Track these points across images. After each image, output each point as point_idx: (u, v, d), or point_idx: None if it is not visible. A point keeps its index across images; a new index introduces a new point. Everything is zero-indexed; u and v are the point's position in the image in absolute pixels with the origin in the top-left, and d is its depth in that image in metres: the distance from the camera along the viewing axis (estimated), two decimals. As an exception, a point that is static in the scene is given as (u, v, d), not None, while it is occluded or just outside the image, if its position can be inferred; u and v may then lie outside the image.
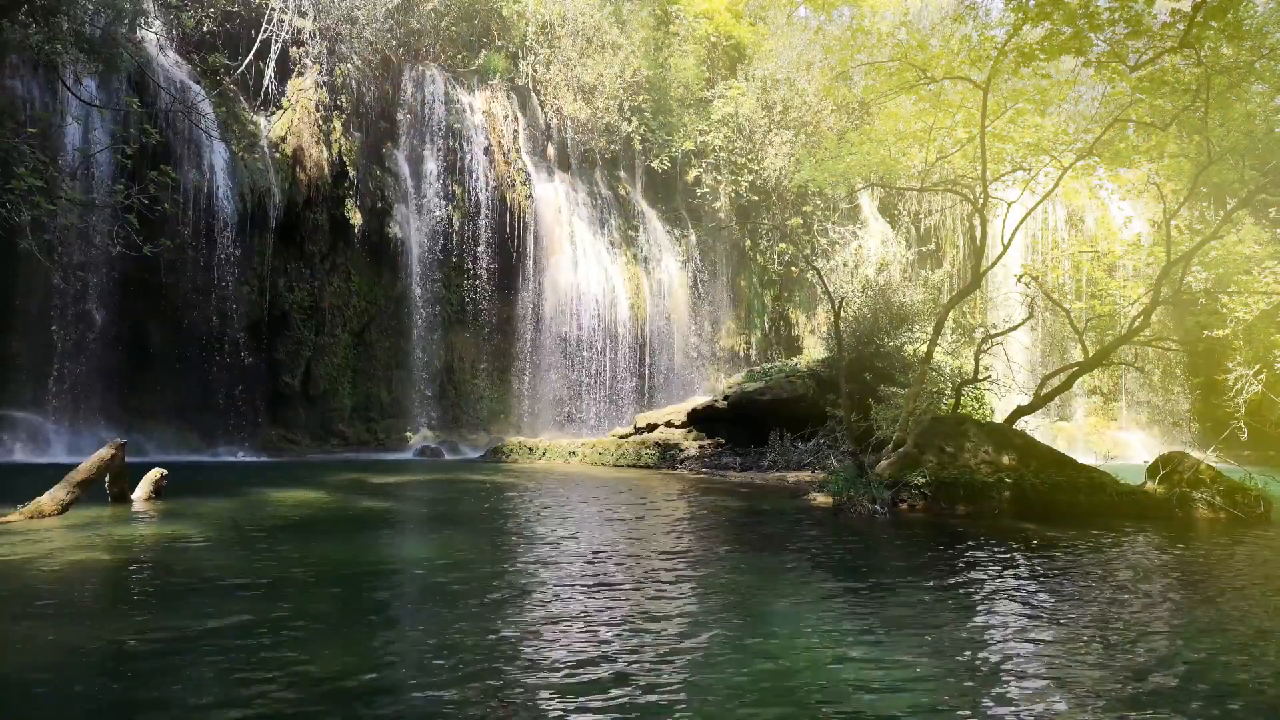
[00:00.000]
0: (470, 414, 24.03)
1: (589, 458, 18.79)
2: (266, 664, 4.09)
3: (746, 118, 27.96)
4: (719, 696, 3.79)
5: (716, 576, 6.59)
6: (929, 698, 3.86)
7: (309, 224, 21.44)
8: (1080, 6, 10.88)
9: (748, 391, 18.83)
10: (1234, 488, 10.72)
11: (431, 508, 11.18)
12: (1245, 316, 16.44)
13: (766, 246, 29.36)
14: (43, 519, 8.13)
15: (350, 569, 6.52)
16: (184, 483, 10.92)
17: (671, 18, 28.94)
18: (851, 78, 18.35)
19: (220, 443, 19.32)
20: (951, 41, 13.76)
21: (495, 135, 24.75)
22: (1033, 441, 12.23)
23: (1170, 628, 5.25)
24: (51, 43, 14.11)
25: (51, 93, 16.98)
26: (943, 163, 16.27)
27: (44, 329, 17.59)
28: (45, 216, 13.14)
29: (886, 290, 19.95)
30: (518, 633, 4.77)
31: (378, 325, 23.09)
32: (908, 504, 10.83)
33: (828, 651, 4.52)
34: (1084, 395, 29.02)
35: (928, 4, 27.66)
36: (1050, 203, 24.83)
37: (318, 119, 21.64)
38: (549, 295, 24.98)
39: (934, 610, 5.52)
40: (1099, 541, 8.57)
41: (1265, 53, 11.83)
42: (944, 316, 14.20)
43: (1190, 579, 6.90)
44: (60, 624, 4.76)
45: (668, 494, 12.63)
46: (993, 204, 15.24)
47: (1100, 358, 14.06)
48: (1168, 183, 15.03)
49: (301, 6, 21.80)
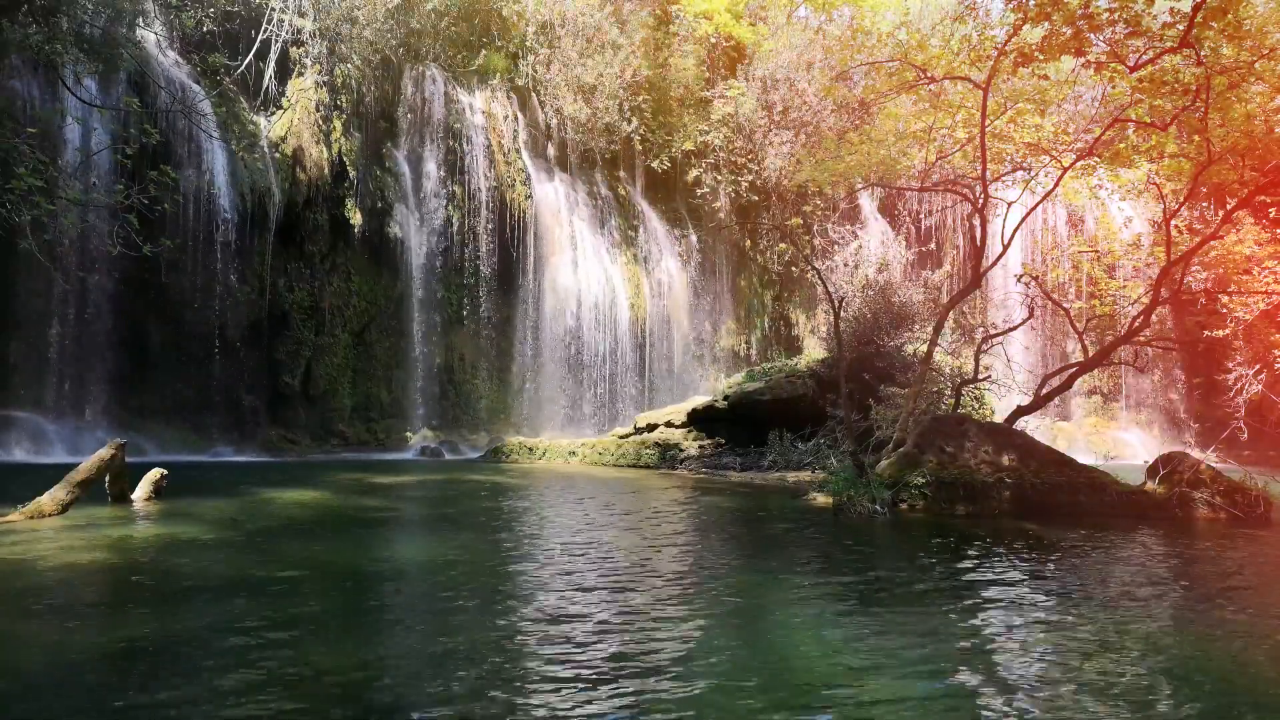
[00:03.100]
0: (470, 414, 24.02)
1: (589, 458, 18.79)
2: (266, 664, 4.09)
3: (746, 118, 27.96)
4: (719, 696, 3.79)
5: (716, 576, 6.59)
6: (929, 697, 3.86)
7: (309, 224, 21.44)
8: (1080, 6, 10.88)
9: (748, 391, 18.82)
10: (1234, 488, 10.71)
11: (431, 508, 11.18)
12: (1245, 316, 16.44)
13: (766, 246, 29.36)
14: (43, 519, 8.12)
15: (350, 569, 6.52)
16: (184, 483, 10.92)
17: (671, 18, 28.93)
18: (851, 78, 18.35)
19: (220, 443, 19.31)
20: (951, 41, 13.76)
21: (495, 135, 24.75)
22: (1033, 441, 12.22)
23: (1170, 628, 5.25)
24: (51, 43, 14.12)
25: (51, 93, 16.98)
26: (943, 163, 16.27)
27: (44, 329, 17.59)
28: (45, 216, 13.13)
29: (886, 290, 19.93)
30: (518, 632, 4.77)
31: (378, 325, 23.09)
32: (908, 504, 10.83)
33: (827, 651, 4.52)
34: (1084, 395, 29.02)
35: (928, 4, 27.64)
36: (1050, 203, 24.78)
37: (318, 119, 21.64)
38: (549, 295, 24.98)
39: (934, 610, 5.52)
40: (1099, 541, 8.57)
41: (1265, 53, 11.83)
42: (944, 316, 14.20)
43: (1190, 579, 6.90)
44: (60, 624, 4.76)
45: (668, 494, 12.62)
46: (993, 204, 15.23)
47: (1100, 358, 14.06)
48: (1168, 183, 15.02)
49: (301, 6, 21.80)
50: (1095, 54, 11.86)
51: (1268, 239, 16.26)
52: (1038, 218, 27.76)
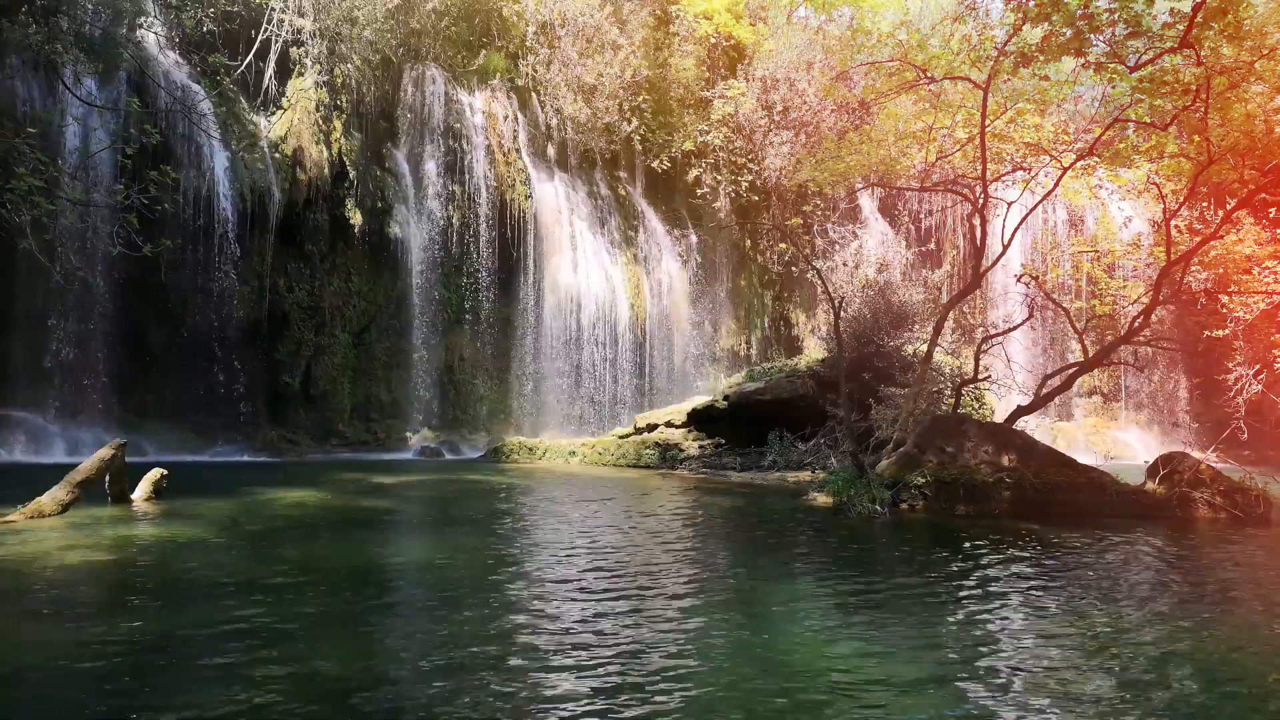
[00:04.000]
0: (470, 414, 24.01)
1: (589, 458, 18.79)
2: (266, 664, 4.09)
3: (746, 118, 27.96)
4: (719, 695, 3.79)
5: (716, 576, 6.59)
6: (929, 697, 3.86)
7: (309, 224, 21.43)
8: (1080, 7, 10.88)
9: (747, 391, 18.82)
10: (1234, 488, 10.71)
11: (431, 508, 11.18)
12: (1245, 316, 16.43)
13: (766, 246, 29.35)
14: (43, 519, 8.13)
15: (350, 569, 6.52)
16: (184, 483, 10.92)
17: (671, 18, 28.92)
18: (851, 78, 18.35)
19: (220, 443, 19.30)
20: (951, 42, 13.75)
21: (495, 135, 24.74)
22: (1033, 441, 12.23)
23: (1170, 628, 5.24)
24: (51, 43, 14.11)
25: (51, 93, 16.97)
26: (943, 163, 16.27)
27: (44, 329, 17.58)
28: (45, 216, 13.11)
29: (886, 290, 19.93)
30: (518, 632, 4.77)
31: (378, 325, 23.09)
32: (908, 504, 10.83)
33: (827, 650, 4.52)
34: (1084, 395, 29.02)
35: (928, 4, 27.63)
36: (1050, 203, 24.81)
37: (318, 119, 21.64)
38: (549, 295, 24.97)
39: (934, 610, 5.52)
40: (1099, 541, 8.57)
41: (1265, 53, 11.83)
42: (944, 316, 14.20)
43: (1190, 579, 6.90)
44: (60, 624, 4.76)
45: (668, 494, 12.62)
46: (993, 204, 15.24)
47: (1100, 358, 14.06)
48: (1168, 183, 15.01)
49: (301, 6, 21.79)
50: (1095, 54, 11.86)
51: (1268, 239, 16.26)
52: (1038, 218, 27.76)
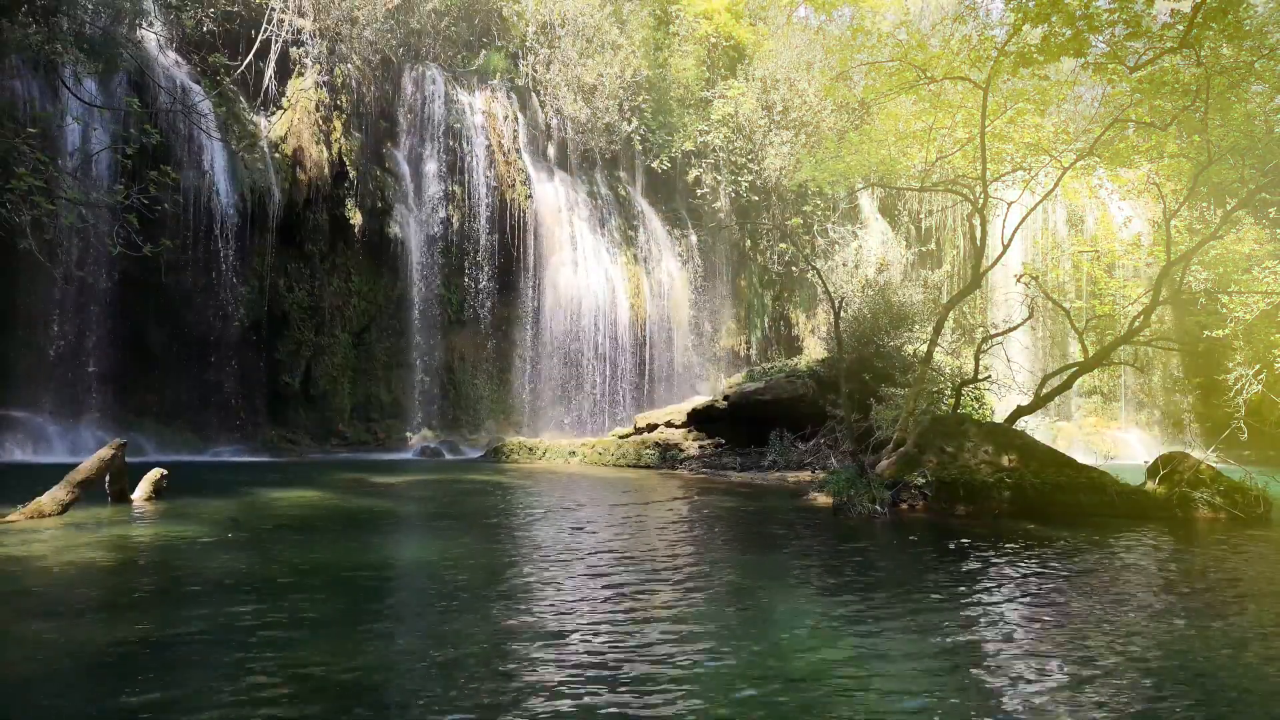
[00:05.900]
0: (470, 414, 24.02)
1: (589, 458, 18.79)
2: (266, 664, 4.09)
3: (746, 118, 27.96)
4: (719, 695, 3.79)
5: (717, 576, 6.59)
6: (929, 696, 3.86)
7: (309, 224, 21.44)
8: (1080, 7, 10.87)
9: (748, 391, 18.82)
10: (1234, 488, 10.71)
11: (432, 508, 11.17)
12: (1245, 316, 16.43)
13: (766, 246, 29.35)
14: (43, 519, 8.13)
15: (350, 569, 6.51)
16: (184, 483, 10.92)
17: (671, 18, 28.95)
18: (851, 78, 18.33)
19: (220, 443, 19.31)
20: (951, 42, 13.74)
21: (495, 135, 24.74)
22: (1033, 441, 12.22)
23: (1170, 627, 5.25)
24: (51, 43, 14.12)
25: (51, 93, 16.97)
26: (943, 163, 16.26)
27: (44, 329, 17.59)
28: (45, 216, 13.10)
29: (886, 290, 19.94)
30: (518, 632, 4.77)
31: (378, 325, 23.09)
32: (908, 504, 10.83)
33: (827, 651, 4.52)
34: (1084, 395, 29.02)
35: (928, 4, 27.68)
36: (1050, 203, 24.83)
37: (318, 119, 21.64)
38: (549, 295, 24.98)
39: (934, 610, 5.52)
40: (1099, 542, 8.57)
41: (1265, 53, 11.82)
42: (944, 316, 14.19)
43: (1190, 579, 6.90)
44: (60, 624, 4.76)
45: (668, 494, 12.62)
46: (993, 204, 15.23)
47: (1100, 358, 14.06)
48: (1168, 183, 15.02)
49: (301, 6, 21.80)
50: (1095, 55, 11.85)
51: (1268, 239, 16.26)
52: (1038, 218, 27.76)
